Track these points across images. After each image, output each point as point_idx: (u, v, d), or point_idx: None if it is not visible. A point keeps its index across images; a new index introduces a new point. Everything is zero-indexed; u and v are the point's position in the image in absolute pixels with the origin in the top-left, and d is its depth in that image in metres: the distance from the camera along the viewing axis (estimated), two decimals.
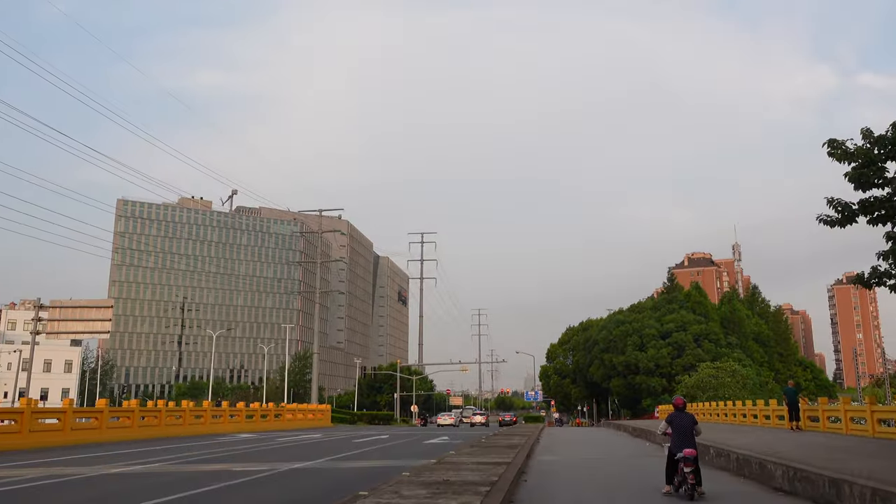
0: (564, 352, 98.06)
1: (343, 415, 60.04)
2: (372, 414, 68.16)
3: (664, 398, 68.21)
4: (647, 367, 69.63)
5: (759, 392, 54.00)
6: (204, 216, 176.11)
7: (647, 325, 72.39)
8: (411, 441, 31.72)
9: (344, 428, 48.62)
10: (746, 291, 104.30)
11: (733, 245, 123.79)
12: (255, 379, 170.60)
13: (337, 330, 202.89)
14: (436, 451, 24.26)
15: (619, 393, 74.14)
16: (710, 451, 18.44)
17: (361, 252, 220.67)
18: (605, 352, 75.97)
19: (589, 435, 37.95)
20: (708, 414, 47.40)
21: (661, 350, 69.73)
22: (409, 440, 32.60)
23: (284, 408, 45.67)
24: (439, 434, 39.73)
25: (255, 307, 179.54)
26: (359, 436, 36.14)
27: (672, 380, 69.98)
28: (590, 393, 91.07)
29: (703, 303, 77.78)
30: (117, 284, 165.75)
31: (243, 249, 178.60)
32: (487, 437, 30.69)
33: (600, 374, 77.25)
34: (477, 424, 77.57)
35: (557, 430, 49.15)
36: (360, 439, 32.59)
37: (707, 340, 70.75)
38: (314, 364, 78.84)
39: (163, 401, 39.01)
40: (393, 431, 43.98)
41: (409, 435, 37.67)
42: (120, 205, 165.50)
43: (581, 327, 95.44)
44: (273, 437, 34.45)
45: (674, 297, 79.10)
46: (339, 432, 40.14)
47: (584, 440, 33.10)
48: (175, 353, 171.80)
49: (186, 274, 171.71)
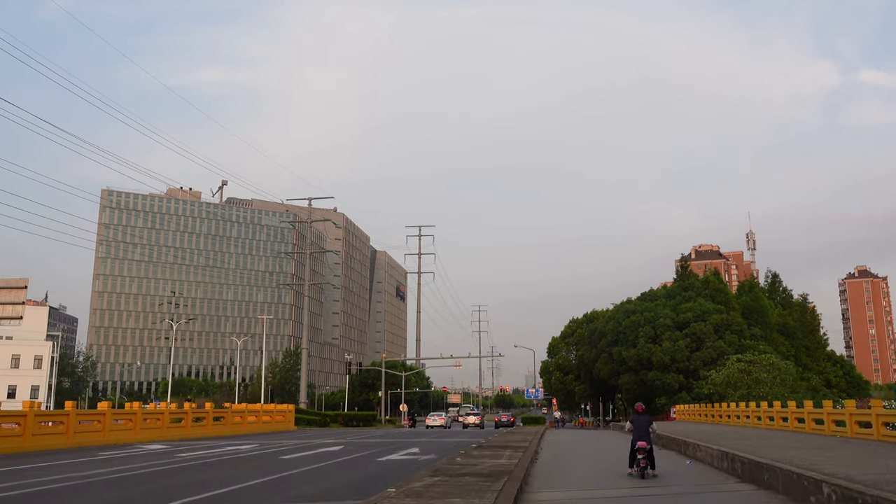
0: (567, 346, 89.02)
1: (311, 416, 50.85)
2: (350, 415, 59.04)
3: (681, 397, 59.23)
4: (661, 362, 60.57)
5: (800, 390, 45.08)
6: (193, 207, 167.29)
7: (662, 315, 63.37)
8: (364, 458, 22.75)
9: (304, 433, 39.84)
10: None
11: (747, 233, 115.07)
12: (246, 376, 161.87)
13: (332, 325, 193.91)
14: (377, 481, 15.32)
15: (628, 390, 65.08)
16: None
17: (358, 246, 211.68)
18: (613, 345, 66.99)
19: (605, 447, 28.82)
20: (743, 417, 38.28)
21: (678, 342, 60.68)
22: (364, 455, 23.67)
23: (230, 409, 36.74)
24: (413, 442, 30.81)
25: (246, 301, 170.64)
26: (305, 446, 27.22)
27: (691, 376, 60.94)
28: (595, 391, 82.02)
29: (724, 290, 68.72)
30: (102, 278, 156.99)
31: (233, 242, 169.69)
32: (467, 451, 21.70)
33: (607, 370, 68.26)
34: (470, 426, 68.69)
35: (561, 436, 40.15)
36: (298, 453, 23.70)
37: (729, 331, 61.72)
38: (303, 360, 70.37)
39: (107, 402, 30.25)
40: (359, 438, 35.06)
41: (374, 445, 28.73)
42: (105, 195, 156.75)
43: (585, 319, 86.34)
44: (177, 450, 25.26)
45: (690, 283, 70.08)
46: (287, 440, 31.35)
47: (601, 455, 24.03)
48: (162, 349, 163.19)
49: (174, 267, 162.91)
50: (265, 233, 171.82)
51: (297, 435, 36.38)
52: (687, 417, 53.20)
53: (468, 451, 21.81)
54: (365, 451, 25.54)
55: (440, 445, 28.40)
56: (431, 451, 24.92)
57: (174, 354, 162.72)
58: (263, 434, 36.54)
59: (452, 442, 31.72)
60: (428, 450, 25.91)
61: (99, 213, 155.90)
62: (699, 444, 22.39)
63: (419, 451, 25.54)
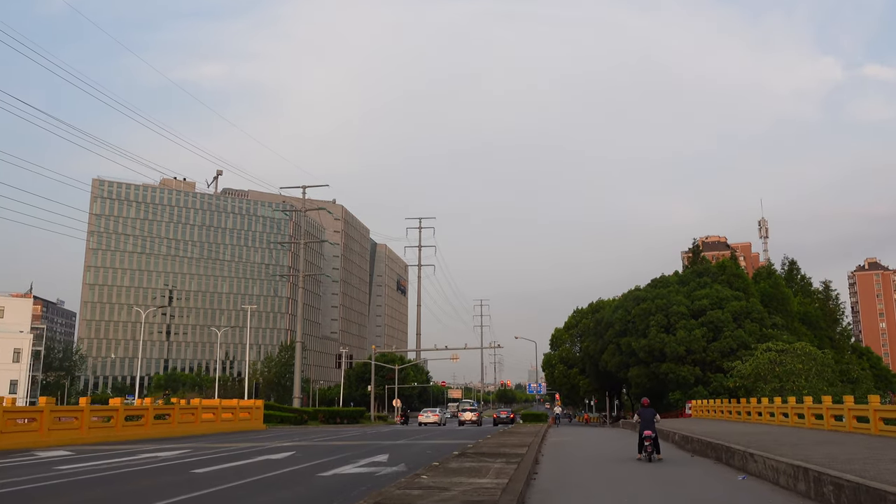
0: (571, 337, 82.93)
1: (285, 413, 44.29)
2: (333, 411, 52.87)
3: (697, 391, 53.20)
4: (675, 353, 54.51)
5: (839, 383, 39.08)
6: (187, 198, 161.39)
7: (675, 302, 57.31)
8: (307, 470, 16.82)
9: (266, 434, 33.94)
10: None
11: (759, 220, 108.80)
12: (243, 370, 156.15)
13: (331, 319, 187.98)
14: None
15: (639, 384, 59.05)
16: None
17: (357, 238, 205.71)
18: (621, 335, 61.00)
19: (626, 451, 22.78)
20: (780, 415, 32.14)
21: (694, 331, 54.62)
22: (310, 466, 17.75)
23: (177, 406, 30.81)
24: (387, 447, 24.91)
25: (242, 294, 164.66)
26: (246, 453, 21.31)
27: (707, 368, 54.89)
28: (601, 385, 76.05)
29: (742, 276, 62.64)
30: (93, 270, 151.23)
31: (229, 233, 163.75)
32: (443, 463, 15.73)
33: (615, 363, 62.30)
34: (466, 423, 62.78)
35: (565, 436, 34.19)
36: (224, 464, 17.84)
37: (749, 320, 55.68)
38: (297, 354, 65.58)
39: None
40: (326, 440, 29.16)
41: (336, 450, 22.84)
42: (96, 184, 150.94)
43: (591, 309, 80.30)
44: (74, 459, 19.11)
45: (704, 269, 64.04)
46: (233, 443, 25.46)
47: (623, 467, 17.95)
48: (155, 342, 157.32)
49: (167, 259, 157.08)
50: (261, 224, 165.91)
51: (254, 436, 30.50)
52: (704, 414, 47.20)
53: (445, 462, 15.87)
54: (317, 459, 19.60)
55: (417, 452, 22.44)
56: (401, 461, 18.97)
57: (168, 349, 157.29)
58: (216, 435, 30.71)
59: (436, 445, 25.84)
60: (397, 458, 19.95)
61: (90, 203, 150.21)
62: (751, 453, 16.41)
63: (387, 459, 19.57)
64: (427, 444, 26.75)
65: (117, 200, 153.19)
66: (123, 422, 26.81)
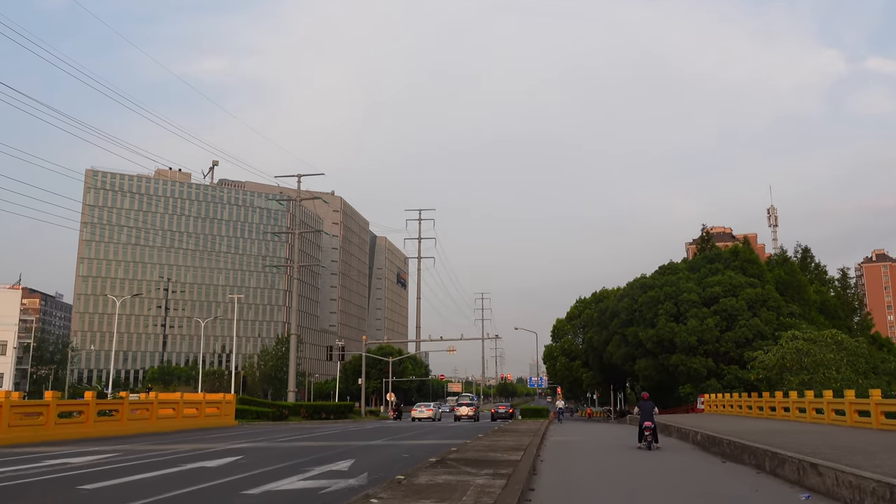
0: (574, 328, 78.74)
1: (263, 408, 39.94)
2: (318, 406, 48.48)
3: (710, 384, 49.07)
4: (686, 343, 50.36)
5: (872, 375, 34.98)
6: (182, 188, 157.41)
7: (685, 290, 53.15)
8: (237, 484, 12.78)
9: (232, 431, 29.88)
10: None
11: (768, 208, 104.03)
12: (239, 363, 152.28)
13: (329, 312, 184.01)
14: None
15: (646, 377, 54.95)
16: None
17: (356, 230, 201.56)
18: (627, 325, 56.89)
19: (651, 462, 18.62)
20: (811, 411, 27.92)
21: (706, 320, 50.49)
22: (247, 477, 13.68)
23: (125, 400, 26.73)
24: (358, 449, 20.84)
25: (238, 286, 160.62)
26: (182, 458, 17.26)
27: (721, 359, 50.73)
28: (605, 378, 71.96)
29: (756, 262, 58.47)
30: (86, 262, 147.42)
31: (225, 224, 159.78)
32: (410, 477, 11.63)
33: (621, 354, 58.20)
34: (463, 418, 58.77)
35: (569, 434, 30.13)
36: (135, 475, 13.81)
37: (766, 308, 51.53)
38: (291, 346, 61.93)
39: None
40: (290, 440, 25.12)
41: (293, 454, 18.79)
42: (89, 175, 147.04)
43: (594, 298, 76.08)
44: None
45: (716, 254, 59.87)
46: (178, 444, 21.38)
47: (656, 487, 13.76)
48: (150, 335, 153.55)
49: (163, 251, 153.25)
50: (258, 215, 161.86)
51: (212, 435, 26.44)
52: (720, 409, 43.14)
53: (414, 475, 11.76)
54: (261, 467, 15.49)
55: (390, 456, 18.34)
56: (365, 470, 14.85)
57: (163, 342, 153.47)
58: (171, 434, 26.70)
59: (418, 447, 21.78)
60: (363, 465, 15.83)
61: (83, 193, 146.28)
62: (812, 463, 12.33)
63: (348, 467, 15.44)
64: (408, 444, 22.70)
65: (111, 191, 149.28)
66: (56, 419, 22.82)
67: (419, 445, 22.47)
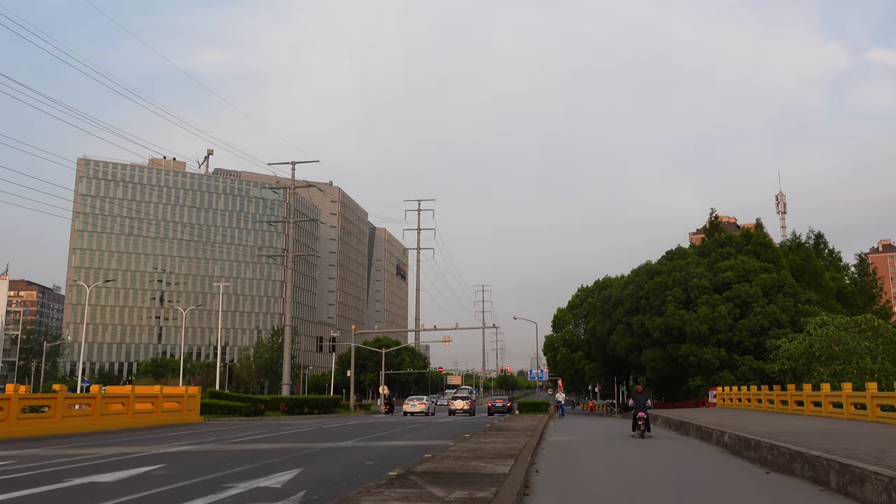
0: (575, 318, 74.79)
1: (235, 402, 35.92)
2: (299, 399, 44.27)
3: (723, 376, 45.13)
4: (696, 332, 46.44)
5: None
6: (176, 178, 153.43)
7: (695, 275, 49.24)
8: None
9: (191, 429, 26.05)
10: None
11: (777, 195, 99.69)
12: (235, 356, 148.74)
13: (327, 304, 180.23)
14: None
15: (653, 368, 51.05)
16: None
17: (355, 221, 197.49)
18: (632, 314, 52.99)
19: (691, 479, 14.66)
20: (849, 407, 23.90)
21: (718, 308, 46.57)
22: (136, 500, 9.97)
23: (60, 394, 22.74)
24: (318, 452, 16.91)
25: (234, 278, 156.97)
26: (84, 468, 13.38)
27: (734, 349, 46.82)
28: (609, 369, 68.08)
29: (770, 245, 54.55)
30: (79, 252, 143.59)
31: (220, 214, 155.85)
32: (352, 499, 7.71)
33: (625, 344, 54.33)
34: (458, 412, 54.93)
35: (569, 433, 26.23)
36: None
37: (782, 294, 47.60)
38: (286, 338, 58.74)
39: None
40: (245, 441, 21.21)
41: (230, 462, 14.92)
42: (81, 164, 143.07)
43: (597, 287, 72.13)
44: None
45: (727, 238, 55.92)
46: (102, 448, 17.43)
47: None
48: (144, 328, 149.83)
49: (157, 241, 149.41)
50: (254, 205, 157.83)
51: (159, 434, 22.52)
52: (735, 403, 39.18)
53: (355, 500, 7.85)
54: (174, 482, 11.53)
55: (348, 466, 14.41)
56: (302, 488, 10.89)
57: (158, 334, 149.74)
58: (114, 433, 22.79)
59: (391, 450, 17.87)
60: (305, 480, 11.86)
61: (75, 182, 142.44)
62: None
63: (284, 484, 11.44)
64: (380, 447, 18.82)
65: (104, 180, 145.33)
66: None
67: (393, 448, 18.59)
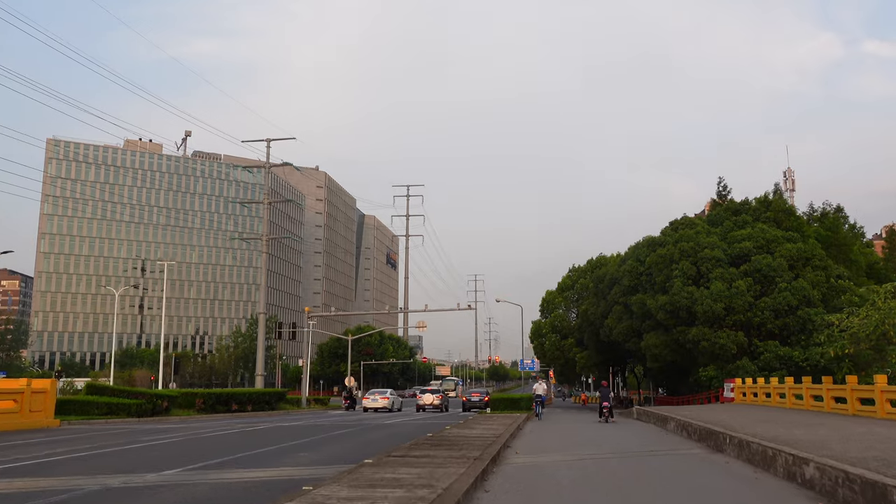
0: (566, 301, 66.40)
1: (121, 399, 27.15)
2: (227, 393, 35.42)
3: (742, 365, 36.69)
4: (709, 312, 38.02)
5: None
6: (152, 160, 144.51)
7: (707, 245, 40.84)
8: None
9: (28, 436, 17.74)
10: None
11: (785, 171, 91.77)
12: (214, 346, 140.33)
13: (313, 293, 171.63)
14: None
15: (655, 356, 42.65)
16: None
17: (342, 207, 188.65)
18: (630, 293, 44.65)
19: None
20: None
21: (735, 283, 38.19)
22: None
23: None
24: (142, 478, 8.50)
25: (213, 265, 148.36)
26: None
27: (755, 333, 38.46)
28: (603, 358, 59.60)
29: (793, 212, 46.22)
30: (48, 237, 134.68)
31: (199, 198, 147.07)
32: None
33: (622, 328, 45.95)
34: (428, 407, 46.44)
35: (549, 450, 17.78)
36: None
37: (810, 268, 39.29)
38: (260, 326, 51.63)
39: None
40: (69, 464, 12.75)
41: None
42: (51, 144, 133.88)
43: (590, 266, 63.73)
44: None
45: (742, 205, 47.60)
46: None
47: None
48: (117, 315, 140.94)
49: (131, 226, 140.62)
50: (234, 189, 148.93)
51: None
52: (762, 399, 30.68)
53: None
54: None
55: None
56: None
57: (131, 323, 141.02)
58: None
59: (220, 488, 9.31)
60: None
61: (44, 164, 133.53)
62: None
63: None
64: (213, 484, 10.35)
65: (75, 162, 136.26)
66: None
67: (233, 484, 10.04)
